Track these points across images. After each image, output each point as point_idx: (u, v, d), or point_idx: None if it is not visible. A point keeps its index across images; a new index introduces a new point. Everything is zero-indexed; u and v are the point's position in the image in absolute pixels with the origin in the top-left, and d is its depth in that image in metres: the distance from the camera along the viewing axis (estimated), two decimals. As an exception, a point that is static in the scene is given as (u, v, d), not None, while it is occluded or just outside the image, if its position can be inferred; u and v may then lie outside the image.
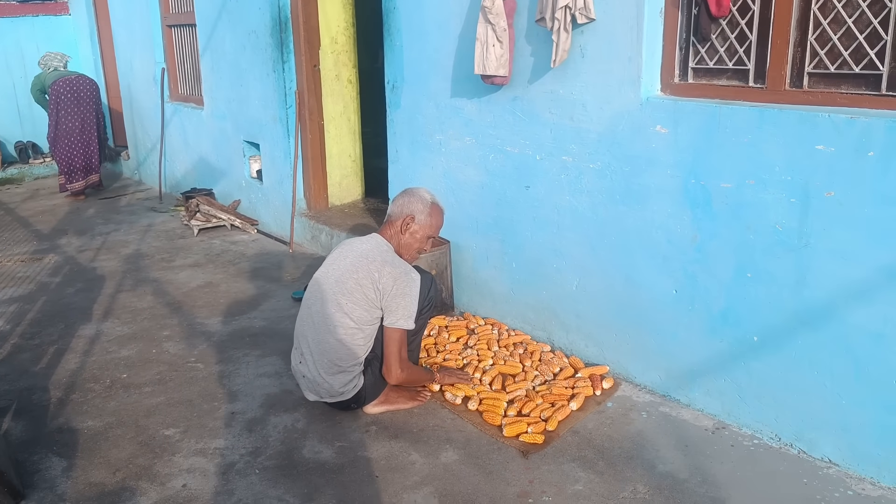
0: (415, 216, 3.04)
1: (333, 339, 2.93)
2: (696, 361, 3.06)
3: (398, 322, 2.92)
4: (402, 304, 2.91)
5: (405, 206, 3.06)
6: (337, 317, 2.93)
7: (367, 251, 2.99)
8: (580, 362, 3.48)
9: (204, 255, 5.51)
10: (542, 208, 3.55)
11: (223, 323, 4.18)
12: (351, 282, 2.92)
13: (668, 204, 2.99)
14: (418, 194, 3.07)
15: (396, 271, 2.91)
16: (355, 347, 2.95)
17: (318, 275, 3.10)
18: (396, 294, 2.90)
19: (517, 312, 3.88)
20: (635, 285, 3.21)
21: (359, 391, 3.02)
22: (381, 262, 2.93)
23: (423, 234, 3.08)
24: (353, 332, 2.93)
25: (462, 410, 3.15)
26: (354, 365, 2.98)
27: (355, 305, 2.91)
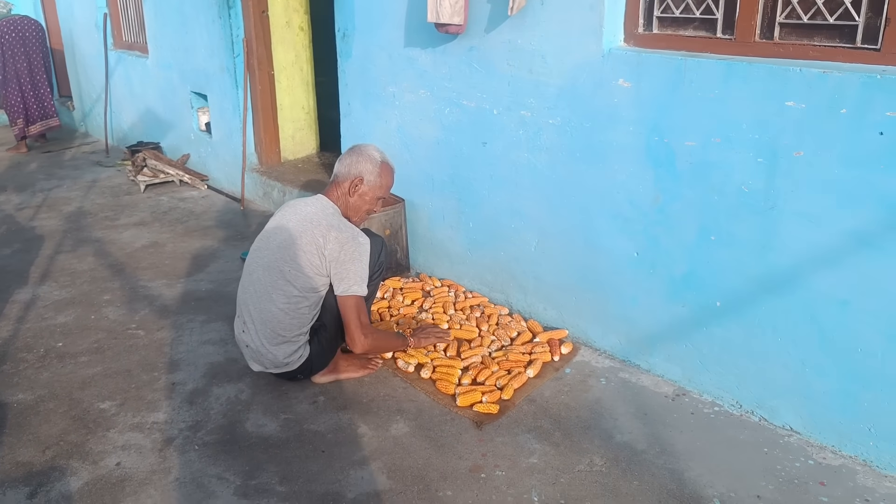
0: (363, 177, 2.85)
1: (276, 308, 2.76)
2: (657, 326, 2.96)
3: (351, 289, 2.75)
4: (353, 270, 2.74)
5: (353, 165, 2.86)
6: (280, 284, 2.75)
7: (312, 214, 2.80)
8: (538, 326, 3.37)
9: (150, 212, 5.26)
10: (499, 166, 3.38)
11: (168, 286, 3.98)
12: (294, 248, 2.74)
13: (630, 163, 2.84)
14: (366, 153, 2.88)
15: (343, 236, 2.73)
16: (300, 316, 2.79)
17: (260, 239, 2.91)
18: (345, 260, 2.73)
19: (474, 274, 3.74)
20: (595, 247, 3.08)
21: (305, 361, 2.87)
22: (326, 226, 2.75)
23: (372, 195, 2.90)
24: (297, 300, 2.76)
25: (414, 379, 3.02)
26: (299, 335, 2.82)
27: (299, 273, 2.74)
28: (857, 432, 2.48)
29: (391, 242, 3.91)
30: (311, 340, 2.88)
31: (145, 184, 5.70)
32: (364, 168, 2.84)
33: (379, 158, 2.88)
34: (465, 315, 3.51)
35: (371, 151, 2.88)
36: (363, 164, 2.85)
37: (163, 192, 5.70)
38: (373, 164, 2.85)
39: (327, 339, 2.91)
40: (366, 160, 2.85)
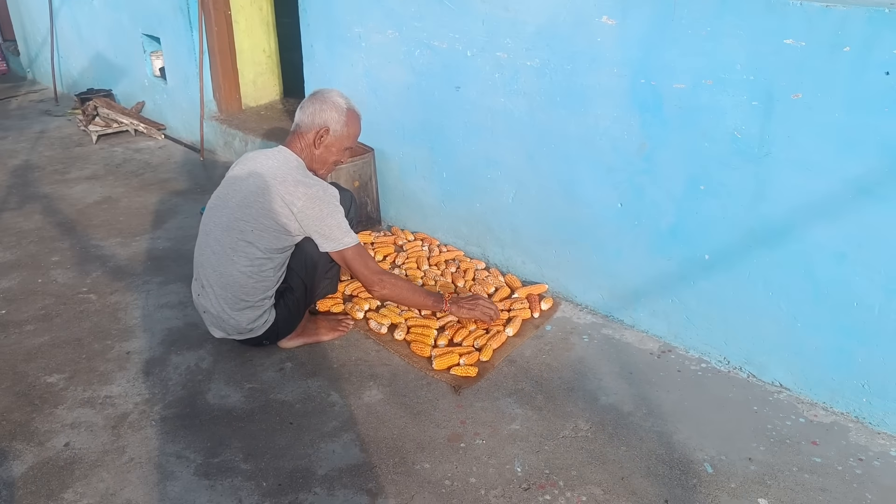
0: (329, 126, 2.62)
1: (237, 271, 2.56)
2: (642, 280, 2.81)
3: (343, 241, 2.56)
4: (334, 224, 2.54)
5: (317, 114, 2.62)
6: (241, 246, 2.54)
7: (275, 169, 2.57)
8: (517, 280, 3.21)
9: (103, 165, 4.96)
10: (474, 112, 3.17)
11: (122, 245, 3.74)
12: (256, 206, 2.53)
13: (613, 107, 2.64)
14: (331, 100, 2.64)
15: (312, 191, 2.52)
16: (264, 279, 2.59)
17: (216, 197, 2.68)
18: (323, 216, 2.52)
19: (449, 226, 3.56)
20: (577, 198, 2.91)
21: (270, 327, 2.68)
22: (292, 182, 2.53)
23: (339, 146, 2.67)
24: (260, 262, 2.56)
25: (388, 341, 2.86)
26: (264, 299, 2.63)
27: (263, 232, 2.53)
28: (849, 389, 2.37)
29: (360, 195, 3.70)
30: (276, 304, 2.69)
31: (97, 134, 5.38)
32: (329, 117, 2.61)
33: (345, 105, 2.65)
34: (440, 270, 3.34)
35: (335, 98, 2.65)
36: (328, 113, 2.61)
37: (117, 143, 5.39)
38: (338, 112, 2.62)
39: (294, 301, 2.72)
40: (330, 108, 2.62)
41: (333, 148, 2.66)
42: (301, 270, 2.70)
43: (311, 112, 2.62)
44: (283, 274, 2.67)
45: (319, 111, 2.61)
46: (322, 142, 2.63)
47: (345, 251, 2.57)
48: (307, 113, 2.63)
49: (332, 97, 2.64)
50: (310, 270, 2.73)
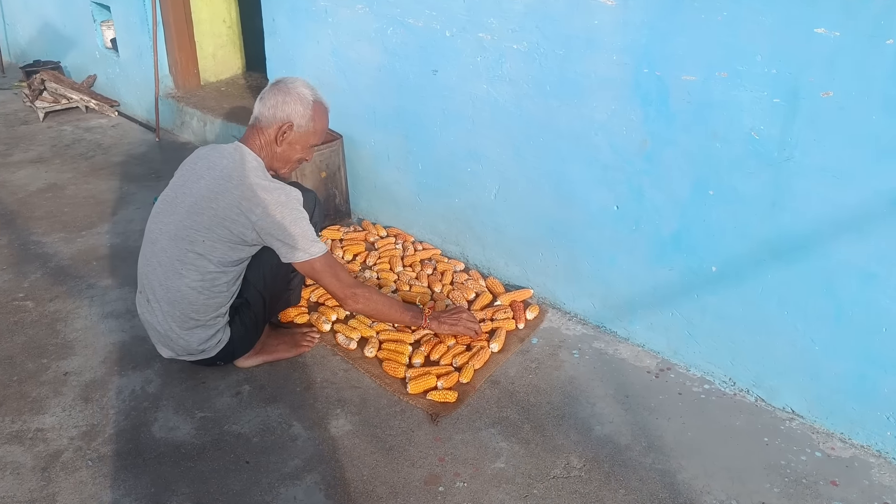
0: (293, 122, 2.29)
1: (186, 286, 2.24)
2: (639, 290, 2.54)
3: (310, 251, 2.23)
4: (299, 233, 2.23)
5: (279, 107, 2.29)
6: (190, 259, 2.23)
7: (230, 171, 2.25)
8: (500, 285, 2.93)
9: (50, 146, 4.57)
10: (453, 98, 2.84)
11: (66, 241, 3.39)
12: (209, 213, 2.21)
13: (612, 100, 2.34)
14: (295, 91, 2.31)
15: (273, 197, 2.21)
16: (217, 295, 2.28)
17: (163, 200, 2.36)
18: (285, 224, 2.21)
19: (425, 222, 3.25)
20: (568, 198, 2.61)
21: (224, 347, 2.38)
22: (250, 186, 2.21)
23: (304, 142, 2.36)
24: (213, 276, 2.25)
25: (358, 358, 2.57)
26: (217, 317, 2.32)
27: (216, 243, 2.22)
28: (871, 420, 2.13)
29: (328, 186, 3.37)
30: (231, 321, 2.38)
31: (45, 111, 4.96)
32: (293, 111, 2.29)
33: (311, 97, 2.32)
34: (415, 273, 3.04)
35: (300, 89, 2.31)
36: (291, 106, 2.29)
37: (66, 121, 4.98)
38: (304, 106, 2.30)
39: (252, 317, 2.42)
40: (295, 100, 2.29)
41: (297, 145, 2.34)
42: (259, 282, 2.40)
43: (273, 105, 2.29)
44: (239, 287, 2.37)
45: (282, 104, 2.28)
46: (285, 138, 2.31)
47: (312, 262, 2.26)
48: (268, 105, 2.29)
49: (296, 88, 2.31)
50: (269, 282, 2.43)
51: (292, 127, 2.29)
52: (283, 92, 2.29)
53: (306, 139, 2.35)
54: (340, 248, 3.22)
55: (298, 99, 2.29)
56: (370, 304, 2.36)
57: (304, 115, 2.29)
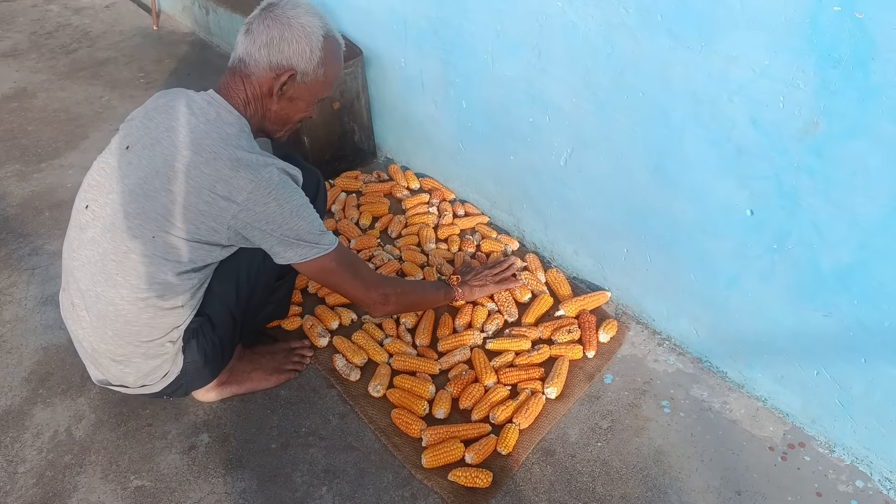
0: (297, 68, 1.53)
1: (122, 298, 1.55)
2: (770, 329, 1.72)
3: (319, 246, 1.56)
4: (302, 226, 1.51)
5: (276, 47, 1.51)
6: (131, 260, 1.52)
7: (200, 136, 1.49)
8: (565, 283, 2.14)
9: (30, 33, 3.80)
10: (512, 16, 1.94)
11: (20, 176, 2.71)
12: (164, 197, 1.48)
13: (765, 48, 1.43)
14: (298, 23, 1.51)
15: (262, 177, 1.46)
16: (167, 313, 1.58)
17: (102, 167, 1.60)
18: (282, 214, 1.49)
19: (469, 176, 2.43)
20: (673, 183, 1.75)
21: (174, 381, 1.70)
22: (229, 161, 1.46)
23: (310, 96, 1.61)
24: (163, 287, 1.55)
25: (360, 396, 1.86)
26: (164, 342, 1.63)
27: (172, 241, 1.50)
28: None
29: (343, 119, 2.54)
30: (185, 346, 1.68)
31: (30, -16, 4.14)
32: (295, 52, 1.52)
33: (320, 31, 1.54)
34: (452, 252, 2.26)
35: (305, 18, 1.52)
36: (294, 46, 1.52)
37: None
38: (310, 45, 1.53)
39: (214, 344, 1.71)
40: (298, 37, 1.51)
41: (301, 101, 1.61)
42: (229, 296, 1.68)
43: (267, 42, 1.51)
44: (200, 302, 1.65)
45: (279, 41, 1.51)
46: (285, 93, 1.57)
47: (323, 261, 1.57)
48: (259, 43, 1.52)
49: (298, 18, 1.52)
50: (243, 295, 1.71)
51: (295, 76, 1.54)
52: (280, 24, 1.51)
53: (314, 91, 1.60)
54: (356, 208, 2.44)
55: (303, 35, 1.52)
56: (403, 302, 1.80)
57: (310, 58, 1.54)
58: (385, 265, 2.20)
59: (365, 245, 2.29)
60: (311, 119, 1.75)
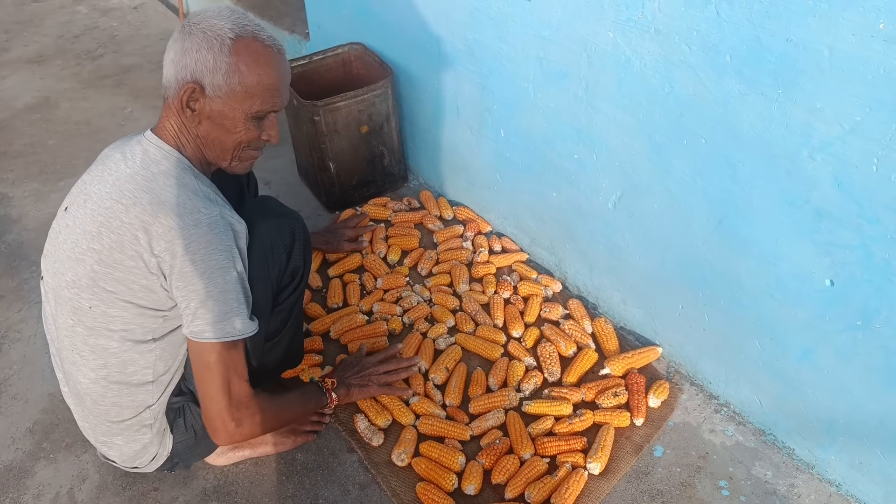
0: (201, 80, 1.31)
1: (84, 377, 1.42)
2: (849, 411, 1.52)
3: (207, 329, 1.32)
4: (206, 289, 1.30)
5: (178, 62, 1.31)
6: (79, 334, 1.38)
7: (125, 180, 1.32)
8: (612, 335, 1.94)
9: (56, 37, 3.69)
10: (556, 44, 1.74)
11: (38, 196, 2.59)
12: (90, 258, 1.33)
13: (856, 101, 1.23)
14: (200, 27, 1.30)
15: (181, 220, 1.28)
16: (134, 391, 1.44)
17: (51, 234, 1.45)
18: (189, 270, 1.29)
19: (507, 209, 2.24)
20: (739, 242, 1.55)
21: (165, 462, 1.56)
22: (150, 205, 1.29)
23: (235, 112, 1.35)
24: (121, 362, 1.40)
25: (382, 463, 1.70)
26: (140, 426, 1.49)
27: (109, 306, 1.34)
28: None
29: (372, 143, 2.36)
30: (174, 425, 1.53)
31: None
32: (199, 61, 1.30)
33: (228, 33, 1.30)
34: (487, 295, 2.07)
35: (208, 22, 1.30)
36: (195, 53, 1.30)
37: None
38: (212, 49, 1.29)
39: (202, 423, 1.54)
40: (198, 44, 1.29)
41: (226, 119, 1.36)
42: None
43: (173, 58, 1.33)
44: (179, 376, 1.50)
45: (181, 54, 1.31)
46: (196, 112, 1.35)
47: (203, 346, 1.32)
48: (167, 60, 1.34)
49: (204, 22, 1.31)
50: None
51: (202, 90, 1.32)
52: (183, 35, 1.32)
53: (236, 106, 1.34)
54: (384, 241, 2.27)
55: (203, 41, 1.29)
56: (258, 424, 1.42)
57: (217, 66, 1.30)
58: (414, 308, 2.03)
59: (393, 284, 2.12)
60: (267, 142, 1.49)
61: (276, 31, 3.05)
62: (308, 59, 2.41)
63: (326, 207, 2.46)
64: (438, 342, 1.94)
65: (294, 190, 2.60)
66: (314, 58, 2.42)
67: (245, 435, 1.41)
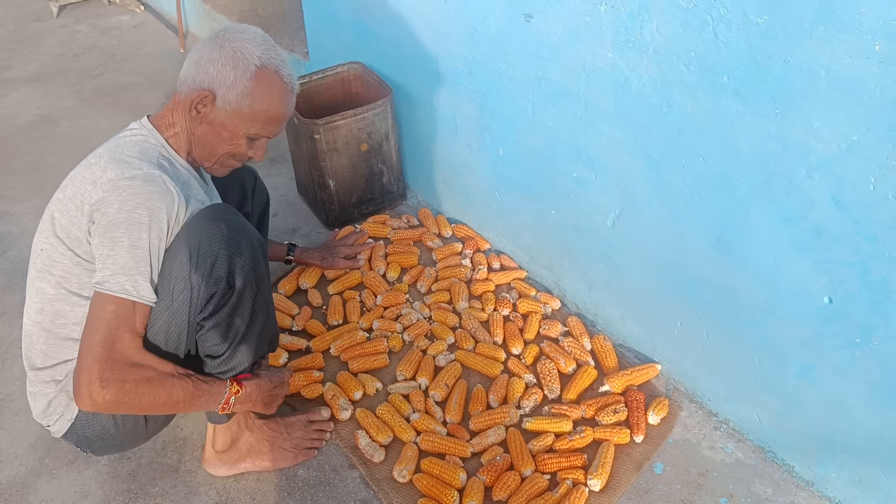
0: (216, 92, 1.43)
1: (28, 318, 1.56)
2: (848, 428, 1.52)
3: (109, 280, 1.32)
4: (122, 242, 1.32)
5: (202, 67, 1.43)
6: (31, 273, 1.53)
7: (104, 145, 1.47)
8: (612, 352, 1.95)
9: (57, 56, 3.71)
10: (555, 63, 1.76)
11: (38, 213, 2.58)
12: (53, 206, 1.47)
13: (854, 120, 1.25)
14: (232, 47, 1.41)
15: (121, 175, 1.35)
16: (62, 343, 1.52)
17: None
18: (112, 221, 1.33)
19: (506, 226, 2.25)
20: (737, 259, 1.57)
21: (70, 428, 1.56)
22: (107, 161, 1.39)
23: (234, 127, 1.47)
24: (54, 309, 1.49)
25: (383, 480, 1.70)
26: (52, 380, 1.54)
27: (53, 250, 1.46)
28: None
29: (371, 161, 2.38)
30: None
31: (59, 5, 4.07)
32: (219, 74, 1.42)
33: (255, 60, 1.42)
34: (486, 313, 2.08)
35: (243, 44, 1.43)
36: (220, 66, 1.42)
37: (83, 18, 4.09)
38: (237, 70, 1.42)
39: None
40: (226, 60, 1.41)
41: (224, 131, 1.47)
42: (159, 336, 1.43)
43: (197, 60, 1.45)
44: None
45: (207, 61, 1.43)
46: (202, 116, 1.45)
47: (102, 297, 1.33)
48: (191, 60, 1.46)
49: (235, 42, 1.42)
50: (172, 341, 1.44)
51: (213, 99, 1.42)
52: (214, 45, 1.44)
53: (238, 123, 1.46)
54: (384, 258, 2.28)
55: (231, 59, 1.41)
56: (120, 398, 1.32)
57: (235, 84, 1.42)
58: (413, 325, 2.04)
59: (392, 301, 2.13)
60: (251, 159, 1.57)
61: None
62: (308, 78, 2.43)
63: (325, 225, 2.47)
64: (438, 359, 1.95)
65: (293, 207, 2.61)
66: (314, 77, 2.44)
67: (106, 401, 1.31)
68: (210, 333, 1.45)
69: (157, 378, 1.38)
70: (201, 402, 1.47)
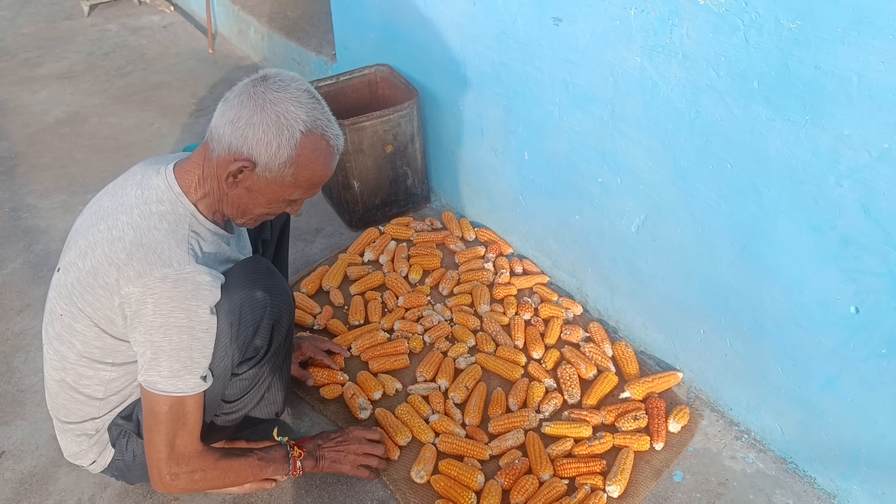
0: (256, 161, 1.30)
1: (47, 371, 1.53)
2: (874, 441, 1.50)
3: (161, 381, 1.33)
4: (167, 346, 1.31)
5: (240, 129, 1.28)
6: (51, 333, 1.47)
7: (125, 209, 1.34)
8: (633, 359, 1.94)
9: (87, 53, 3.77)
10: (583, 68, 1.76)
11: (66, 208, 2.64)
12: (74, 272, 1.37)
13: (887, 129, 1.22)
14: (275, 108, 1.27)
15: (151, 273, 1.27)
16: (86, 401, 1.50)
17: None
18: (154, 326, 1.29)
19: (529, 231, 2.25)
20: (763, 267, 1.55)
21: (105, 470, 1.60)
22: (130, 245, 1.30)
23: (273, 195, 1.37)
24: (76, 374, 1.46)
25: (401, 480, 1.71)
26: (83, 435, 1.55)
27: (75, 319, 1.39)
28: None
29: (395, 163, 2.39)
30: (115, 442, 1.56)
31: (90, 4, 4.13)
32: (261, 141, 1.28)
33: (301, 124, 1.29)
34: (507, 317, 2.08)
35: (286, 105, 1.28)
36: (262, 133, 1.27)
37: (113, 17, 4.15)
38: (280, 137, 1.28)
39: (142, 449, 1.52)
40: (268, 125, 1.27)
41: (262, 196, 1.37)
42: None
43: (234, 120, 1.28)
44: (132, 401, 1.54)
45: (246, 125, 1.28)
46: (238, 182, 1.34)
47: (155, 397, 1.34)
48: (227, 118, 1.29)
49: (279, 104, 1.28)
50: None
51: (252, 168, 1.31)
52: (254, 104, 1.27)
53: (278, 190, 1.36)
54: (406, 260, 2.29)
55: (274, 125, 1.27)
56: (192, 487, 1.44)
57: (276, 153, 1.29)
58: (434, 327, 2.04)
59: (414, 303, 2.13)
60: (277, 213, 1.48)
61: (303, 52, 3.10)
62: (335, 80, 2.45)
63: (349, 226, 2.48)
64: (459, 361, 1.95)
65: (317, 208, 2.63)
66: (341, 78, 2.46)
67: (180, 489, 1.42)
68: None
69: (223, 460, 1.47)
70: (269, 471, 1.55)
